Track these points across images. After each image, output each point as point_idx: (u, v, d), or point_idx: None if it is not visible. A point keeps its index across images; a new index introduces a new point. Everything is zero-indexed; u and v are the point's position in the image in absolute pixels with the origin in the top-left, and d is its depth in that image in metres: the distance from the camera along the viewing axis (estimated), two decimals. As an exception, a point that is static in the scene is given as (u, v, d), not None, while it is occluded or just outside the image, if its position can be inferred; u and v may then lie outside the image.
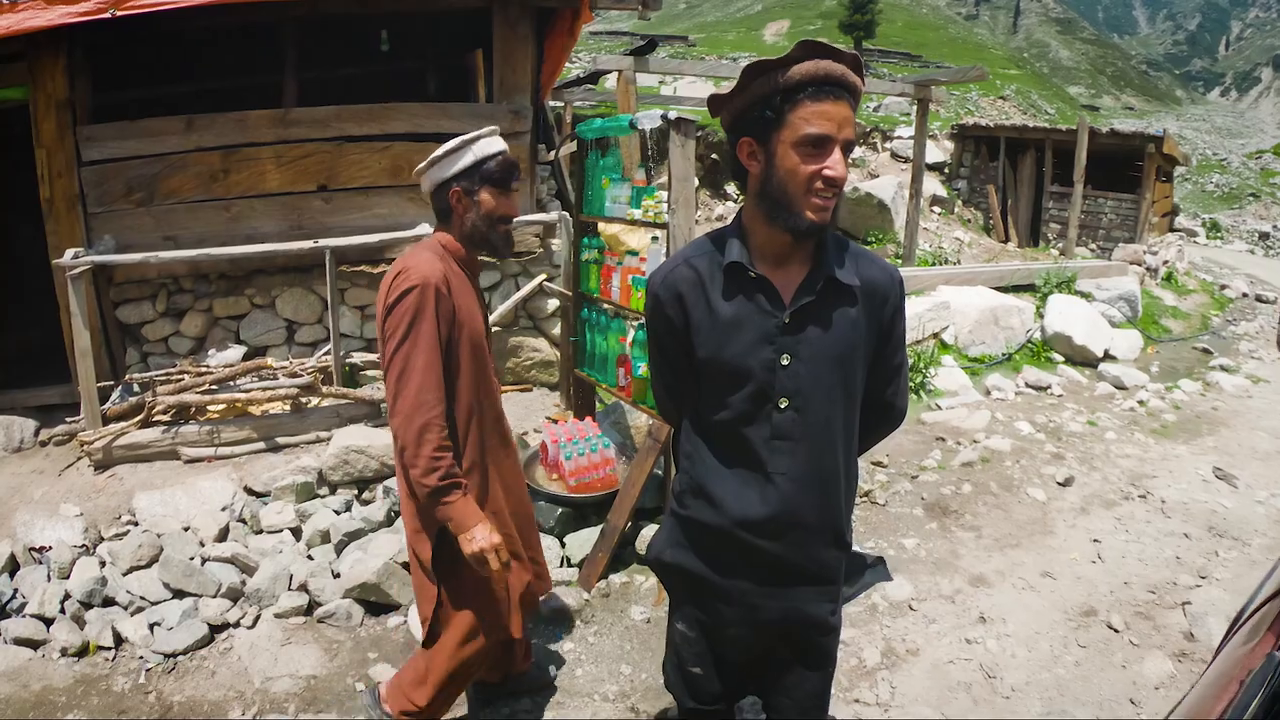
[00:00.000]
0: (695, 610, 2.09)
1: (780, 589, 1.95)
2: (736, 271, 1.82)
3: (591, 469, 4.54)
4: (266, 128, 6.19)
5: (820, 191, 1.72)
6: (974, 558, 4.73)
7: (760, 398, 1.84)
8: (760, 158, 1.78)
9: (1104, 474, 6.04)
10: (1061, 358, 9.08)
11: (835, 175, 1.70)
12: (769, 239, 1.82)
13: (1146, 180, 18.22)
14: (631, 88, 8.69)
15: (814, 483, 1.89)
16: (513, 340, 6.35)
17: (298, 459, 5.03)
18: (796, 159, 1.71)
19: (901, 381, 2.04)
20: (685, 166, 4.09)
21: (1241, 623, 1.39)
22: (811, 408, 1.85)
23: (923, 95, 11.70)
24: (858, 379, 1.91)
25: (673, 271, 1.92)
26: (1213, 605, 4.20)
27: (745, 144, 1.80)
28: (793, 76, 1.68)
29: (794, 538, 1.91)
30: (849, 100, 1.72)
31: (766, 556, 1.91)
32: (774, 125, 1.72)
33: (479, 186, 2.73)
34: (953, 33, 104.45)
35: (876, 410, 2.03)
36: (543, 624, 3.88)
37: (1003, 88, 53.12)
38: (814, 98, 1.68)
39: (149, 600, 3.99)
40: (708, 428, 1.94)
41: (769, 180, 1.76)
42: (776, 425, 1.84)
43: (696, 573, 2.01)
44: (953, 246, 15.15)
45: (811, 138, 1.69)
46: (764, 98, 1.72)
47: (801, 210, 1.73)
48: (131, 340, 6.22)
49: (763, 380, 1.82)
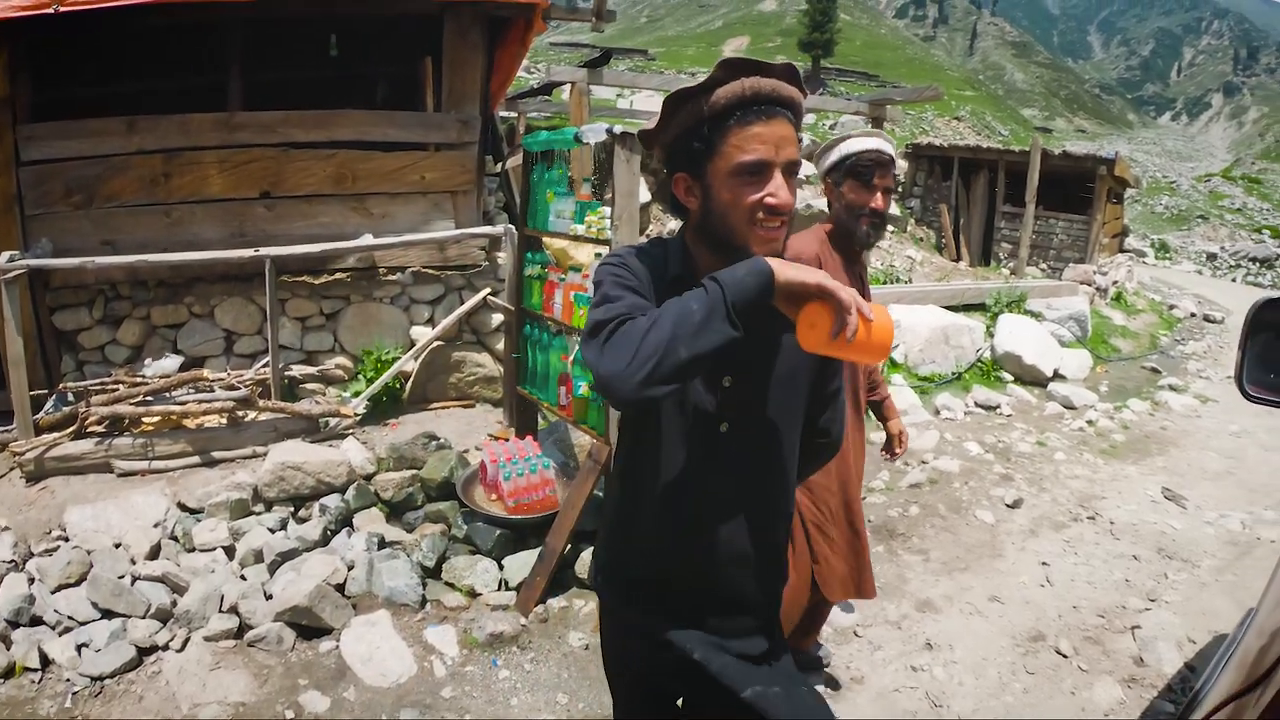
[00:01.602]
0: (622, 646, 2.03)
1: (717, 618, 1.85)
2: (679, 286, 1.65)
3: (531, 490, 4.44)
4: (210, 131, 6.05)
5: (765, 222, 1.59)
6: (921, 582, 4.68)
7: (702, 418, 1.74)
8: (697, 193, 1.66)
9: (1053, 495, 6.05)
10: (1011, 377, 9.13)
11: (778, 202, 1.57)
12: (713, 264, 1.67)
13: (1098, 202, 18.47)
14: (585, 100, 8.64)
15: (754, 507, 1.81)
16: (456, 355, 6.24)
17: (233, 474, 4.89)
18: (734, 189, 1.58)
19: (838, 408, 1.96)
20: (630, 181, 4.02)
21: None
22: (753, 430, 1.77)
23: (878, 114, 11.81)
24: (798, 403, 1.83)
25: (633, 260, 1.75)
26: (1162, 629, 4.18)
27: (680, 180, 1.68)
28: (718, 101, 1.57)
29: (734, 565, 1.82)
30: (786, 116, 1.59)
31: (705, 582, 1.82)
32: (705, 156, 1.60)
33: (843, 180, 3.02)
34: (910, 53, 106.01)
35: (813, 437, 1.94)
36: (478, 650, 3.77)
37: (958, 108, 53.97)
38: (743, 121, 1.56)
39: (77, 620, 3.84)
40: (644, 450, 1.84)
41: (709, 215, 1.64)
42: (718, 448, 1.75)
43: (624, 612, 1.94)
44: (905, 265, 15.22)
45: (748, 165, 1.56)
46: (691, 129, 1.61)
47: (747, 244, 1.60)
48: (67, 348, 6.02)
49: (704, 401, 1.73)
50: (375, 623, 3.83)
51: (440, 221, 6.54)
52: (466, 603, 4.08)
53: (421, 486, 4.87)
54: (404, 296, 6.50)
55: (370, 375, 6.08)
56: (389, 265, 6.41)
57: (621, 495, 1.92)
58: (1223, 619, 4.39)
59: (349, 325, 6.35)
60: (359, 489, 4.81)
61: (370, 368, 6.14)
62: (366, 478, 4.96)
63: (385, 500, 4.82)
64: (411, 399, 6.17)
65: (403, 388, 6.16)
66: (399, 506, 4.80)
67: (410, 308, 6.53)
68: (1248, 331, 2.11)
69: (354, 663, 3.63)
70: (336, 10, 6.01)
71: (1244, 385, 2.10)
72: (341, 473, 4.85)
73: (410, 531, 4.66)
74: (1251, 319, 2.10)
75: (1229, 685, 1.60)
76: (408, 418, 5.96)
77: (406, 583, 4.09)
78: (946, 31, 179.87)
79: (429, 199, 6.53)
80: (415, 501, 4.83)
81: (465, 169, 6.57)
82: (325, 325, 6.35)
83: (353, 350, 6.34)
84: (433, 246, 6.42)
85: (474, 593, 4.13)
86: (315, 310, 6.29)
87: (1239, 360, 2.11)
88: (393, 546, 4.45)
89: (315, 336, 6.31)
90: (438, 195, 6.54)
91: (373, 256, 6.32)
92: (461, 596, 4.11)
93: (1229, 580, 4.88)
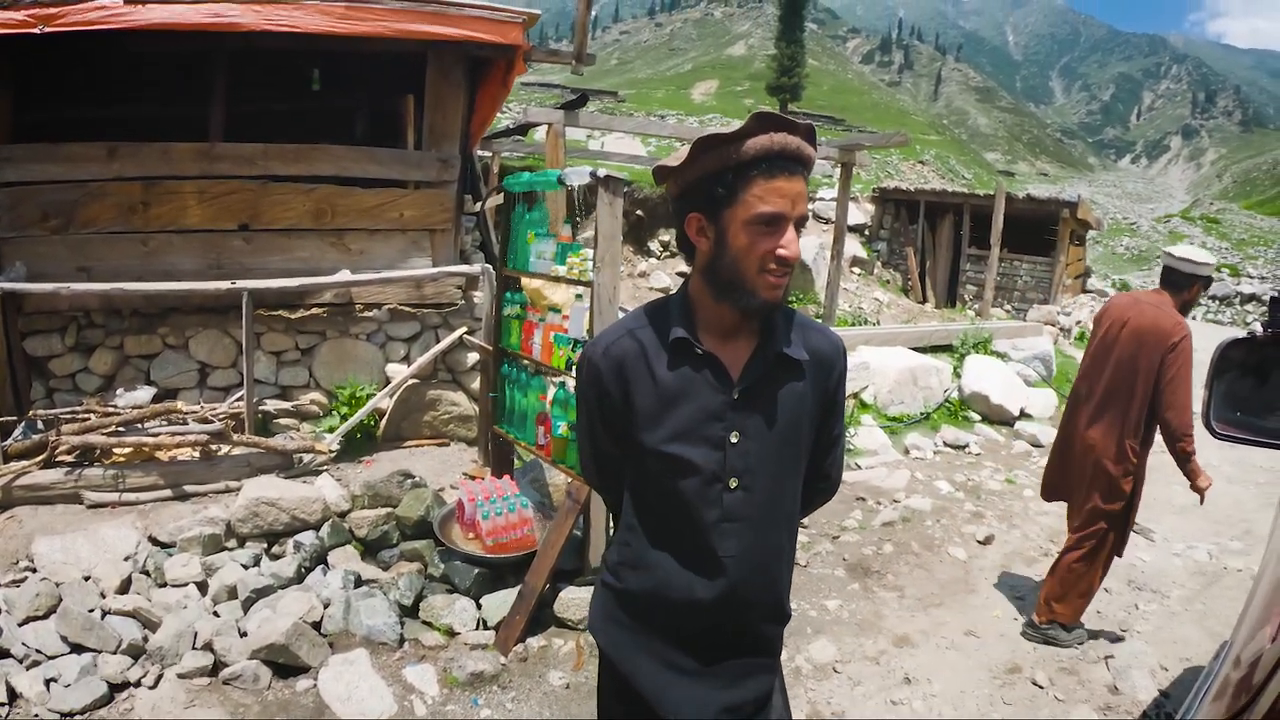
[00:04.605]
0: (619, 699, 1.98)
1: (720, 664, 1.85)
2: (682, 347, 1.73)
3: (509, 529, 4.45)
4: (190, 161, 6.06)
5: (773, 271, 1.65)
6: (897, 618, 4.72)
7: (710, 477, 1.75)
8: (710, 234, 1.69)
9: (1023, 531, 6.13)
10: (979, 416, 9.25)
11: (789, 254, 1.64)
12: (716, 314, 1.74)
13: (1061, 244, 18.86)
14: (561, 141, 8.69)
15: (761, 561, 1.82)
16: (431, 393, 6.24)
17: (206, 509, 4.84)
18: (749, 237, 1.63)
19: (839, 452, 2.00)
20: (613, 224, 4.08)
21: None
22: (761, 485, 1.78)
23: (847, 159, 11.92)
24: (803, 453, 1.86)
25: (615, 343, 1.82)
26: (1135, 658, 4.28)
27: (694, 220, 1.71)
28: (747, 151, 1.60)
29: (739, 616, 1.83)
30: (803, 174, 1.64)
31: (708, 633, 1.83)
32: (726, 202, 1.64)
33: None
34: (876, 98, 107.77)
35: (814, 482, 1.97)
36: (459, 689, 3.75)
37: (922, 152, 54.75)
38: (768, 174, 1.61)
39: (46, 654, 3.74)
40: (650, 506, 1.85)
41: (720, 258, 1.68)
42: (727, 506, 1.76)
43: (623, 669, 1.90)
44: (872, 307, 15.42)
45: (766, 216, 1.62)
46: (715, 173, 1.64)
47: (755, 290, 1.66)
48: (38, 374, 5.94)
49: (712, 459, 1.74)
50: (353, 661, 3.79)
51: (418, 259, 6.56)
52: (445, 641, 4.06)
53: (397, 524, 4.85)
54: (380, 333, 6.50)
55: (345, 412, 6.06)
56: (366, 301, 6.41)
57: (629, 545, 1.91)
58: (1194, 647, 4.51)
59: (324, 361, 6.33)
60: (334, 526, 4.78)
61: (345, 404, 6.12)
62: (341, 515, 4.93)
63: (360, 538, 4.79)
64: (386, 436, 6.16)
65: (377, 425, 6.15)
66: (374, 544, 4.77)
67: (386, 345, 6.52)
68: (1213, 372, 2.18)
69: (332, 701, 3.58)
70: (320, 45, 6.04)
71: (1211, 424, 2.16)
72: (316, 509, 4.82)
73: (386, 570, 4.63)
74: (1217, 359, 2.18)
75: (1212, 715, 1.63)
76: (382, 455, 5.94)
77: (385, 621, 4.05)
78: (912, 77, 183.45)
79: (407, 236, 6.55)
80: (391, 539, 4.80)
81: (444, 207, 6.61)
82: (301, 360, 6.33)
83: (328, 386, 6.32)
84: (410, 284, 6.44)
85: (452, 631, 4.11)
86: (291, 345, 6.27)
87: (1205, 399, 2.17)
88: (369, 584, 4.41)
89: (290, 371, 6.29)
90: (416, 233, 6.57)
91: (350, 292, 6.32)
92: (440, 635, 4.08)
93: (1198, 609, 5.00)
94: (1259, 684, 1.38)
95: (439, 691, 3.71)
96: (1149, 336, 4.05)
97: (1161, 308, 4.11)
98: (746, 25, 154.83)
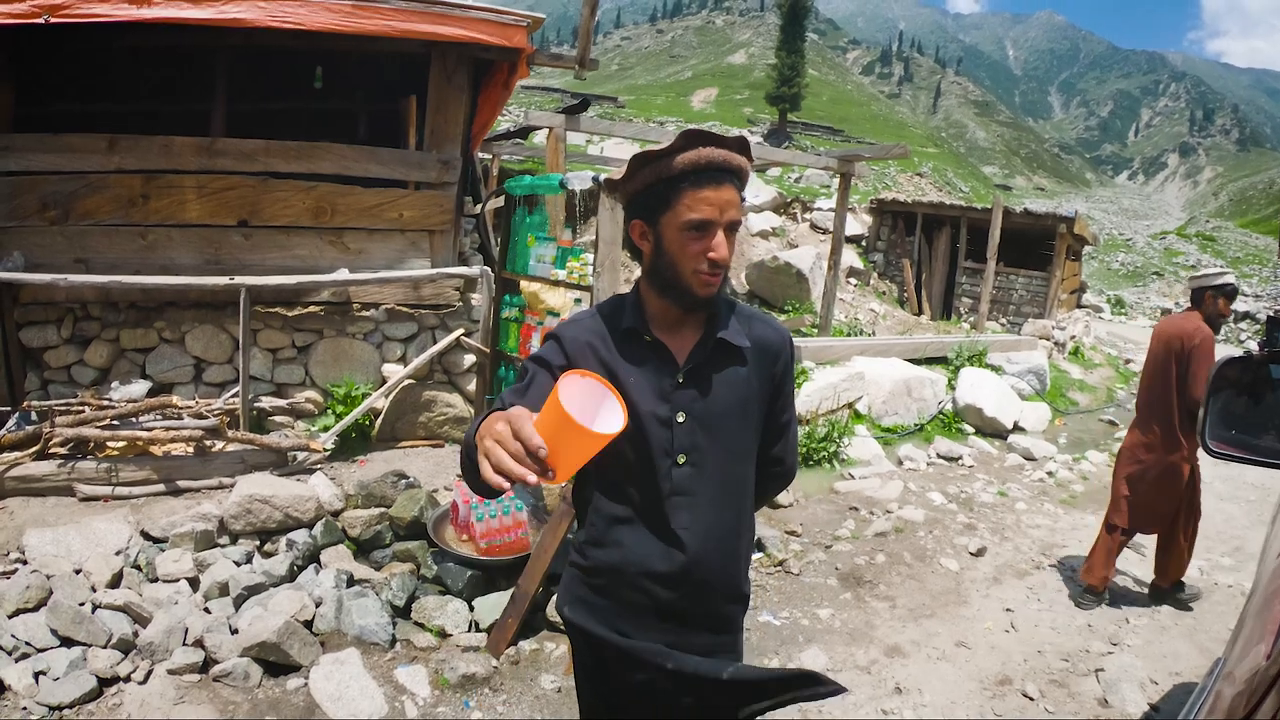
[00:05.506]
0: (597, 673, 2.07)
1: (681, 639, 1.95)
2: (632, 336, 1.92)
3: (503, 531, 4.44)
4: (191, 155, 6.05)
5: (705, 271, 1.83)
6: (889, 628, 4.72)
7: (660, 453, 1.90)
8: (650, 239, 1.88)
9: (1015, 544, 6.14)
10: (972, 429, 9.27)
11: (718, 257, 1.81)
12: (661, 309, 1.92)
13: (1057, 258, 18.88)
14: (561, 145, 8.70)
15: (714, 536, 1.94)
16: (426, 394, 6.23)
17: (199, 505, 4.83)
18: (682, 242, 1.82)
19: (790, 438, 2.14)
20: (614, 229, 4.08)
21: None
22: (710, 464, 1.92)
23: (846, 170, 11.95)
24: (751, 435, 2.00)
25: (582, 325, 2.00)
26: (1125, 671, 4.28)
27: (636, 225, 1.90)
28: (676, 166, 1.78)
29: (696, 591, 1.94)
30: (732, 183, 1.82)
31: (668, 608, 1.94)
32: (660, 210, 1.83)
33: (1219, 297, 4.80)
34: (875, 110, 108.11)
35: (767, 466, 2.12)
36: (450, 691, 3.74)
37: (920, 164, 54.89)
38: (695, 185, 1.78)
39: (35, 646, 3.73)
40: (609, 483, 1.99)
41: (659, 260, 1.87)
42: (676, 481, 1.90)
43: (597, 635, 2.00)
44: (868, 318, 15.44)
45: (694, 222, 1.79)
46: (651, 185, 1.83)
47: (690, 288, 1.85)
48: (33, 365, 5.94)
49: (660, 436, 1.89)
50: (344, 661, 3.78)
51: (416, 260, 6.56)
52: (437, 643, 4.05)
53: (390, 525, 4.84)
54: (377, 333, 6.49)
55: (340, 411, 6.05)
56: (363, 301, 6.41)
57: (594, 525, 2.03)
58: (1184, 661, 4.54)
59: (320, 359, 6.32)
60: (327, 525, 4.77)
61: (340, 403, 6.11)
62: (334, 514, 4.92)
63: (353, 537, 4.78)
64: (380, 436, 6.15)
65: (372, 425, 6.14)
66: (367, 544, 4.77)
67: (383, 345, 6.52)
68: (1210, 390, 2.20)
69: (323, 701, 3.57)
70: (323, 44, 6.03)
71: (1207, 442, 2.18)
72: (310, 508, 4.81)
73: (378, 570, 4.62)
74: (1214, 378, 2.20)
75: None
76: (376, 455, 5.94)
77: (377, 621, 4.05)
78: (911, 89, 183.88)
79: (406, 237, 6.55)
80: (384, 540, 4.80)
81: (444, 209, 6.61)
82: (297, 358, 6.32)
83: (323, 384, 6.31)
84: (408, 285, 6.44)
85: (444, 633, 4.10)
86: (287, 342, 6.26)
87: (1201, 418, 2.19)
88: (362, 584, 4.40)
89: (286, 369, 6.28)
90: (415, 234, 6.57)
91: (347, 291, 6.32)
92: (432, 637, 4.08)
93: (1188, 624, 5.01)
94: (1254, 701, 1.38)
95: (430, 693, 3.71)
96: (1174, 341, 4.79)
97: (1188, 318, 4.86)
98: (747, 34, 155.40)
